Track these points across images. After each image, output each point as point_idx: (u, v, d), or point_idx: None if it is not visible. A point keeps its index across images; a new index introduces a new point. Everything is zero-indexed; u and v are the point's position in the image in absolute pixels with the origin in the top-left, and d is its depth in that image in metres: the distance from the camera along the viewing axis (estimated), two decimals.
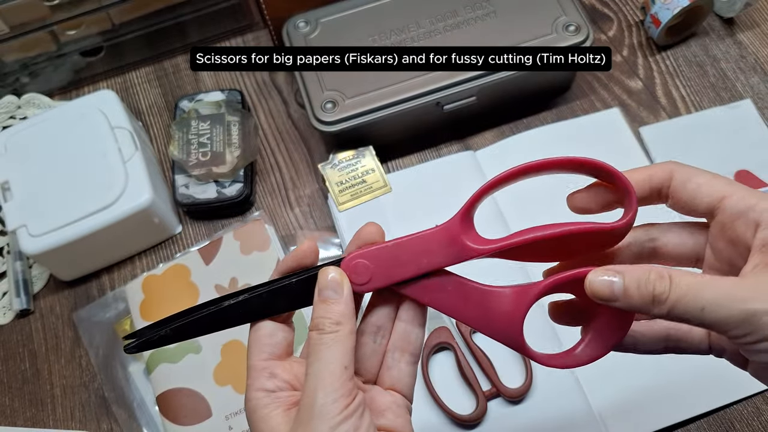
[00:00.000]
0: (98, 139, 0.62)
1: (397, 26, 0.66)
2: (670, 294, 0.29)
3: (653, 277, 0.30)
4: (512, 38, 0.64)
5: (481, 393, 0.55)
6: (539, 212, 0.63)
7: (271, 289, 0.36)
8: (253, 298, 0.36)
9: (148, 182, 0.60)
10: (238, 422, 0.55)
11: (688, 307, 0.29)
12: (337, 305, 0.34)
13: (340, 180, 0.65)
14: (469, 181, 0.64)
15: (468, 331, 0.57)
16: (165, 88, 0.75)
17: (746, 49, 0.71)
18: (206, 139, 0.66)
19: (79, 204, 0.59)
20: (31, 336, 0.63)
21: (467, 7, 0.66)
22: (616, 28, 0.74)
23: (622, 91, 0.70)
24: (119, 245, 0.64)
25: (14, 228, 0.59)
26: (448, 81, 0.62)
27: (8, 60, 0.71)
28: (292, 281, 0.36)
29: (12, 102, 0.74)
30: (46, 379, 0.61)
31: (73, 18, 0.69)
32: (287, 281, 0.36)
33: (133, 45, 0.74)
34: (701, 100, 0.68)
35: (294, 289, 0.36)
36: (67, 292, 0.65)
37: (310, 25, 0.67)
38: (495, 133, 0.69)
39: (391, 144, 0.67)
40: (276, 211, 0.67)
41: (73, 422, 0.59)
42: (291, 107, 0.73)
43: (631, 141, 0.66)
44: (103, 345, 0.61)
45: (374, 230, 0.36)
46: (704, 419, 0.54)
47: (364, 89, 0.63)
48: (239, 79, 0.75)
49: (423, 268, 0.35)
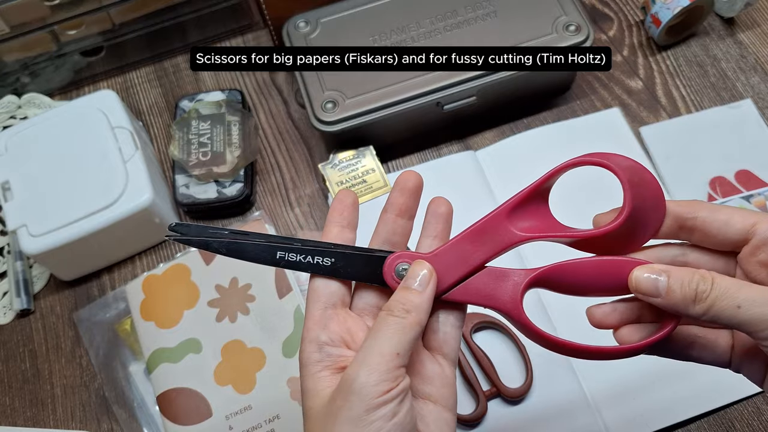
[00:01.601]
0: (99, 139, 0.62)
1: (397, 26, 0.66)
2: (711, 293, 0.31)
3: (697, 277, 0.32)
4: (512, 38, 0.64)
5: (482, 393, 0.55)
6: None
7: (342, 254, 0.37)
8: (317, 257, 0.37)
9: (149, 182, 0.60)
10: (239, 422, 0.55)
11: (725, 304, 0.31)
12: (414, 296, 0.34)
13: (341, 180, 0.65)
14: (469, 181, 0.64)
15: (468, 330, 0.57)
16: (165, 88, 0.75)
17: (747, 49, 0.71)
18: (206, 139, 0.66)
19: (80, 204, 0.59)
20: (32, 336, 0.63)
21: (467, 7, 0.66)
22: (617, 28, 0.74)
23: (623, 91, 0.70)
24: (119, 245, 0.64)
25: (14, 228, 0.59)
26: (448, 81, 0.62)
27: (9, 60, 0.71)
28: (362, 254, 0.37)
29: (12, 102, 0.74)
30: (47, 378, 0.61)
31: (73, 18, 0.69)
32: (358, 253, 0.37)
33: (134, 45, 0.74)
34: (701, 100, 0.68)
35: (359, 262, 0.37)
36: (67, 292, 0.65)
37: (311, 25, 0.67)
38: (495, 133, 0.69)
39: (392, 144, 0.67)
40: (276, 211, 0.67)
41: (74, 422, 0.59)
42: (291, 107, 0.73)
43: (632, 141, 0.66)
44: (104, 345, 0.61)
45: (412, 178, 0.40)
46: (704, 419, 0.54)
47: (365, 89, 0.63)
48: (239, 79, 0.75)
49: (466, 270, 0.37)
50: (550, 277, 0.36)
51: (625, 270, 0.34)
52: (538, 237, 0.37)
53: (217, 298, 0.60)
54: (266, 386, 0.56)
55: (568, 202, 0.42)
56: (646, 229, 0.36)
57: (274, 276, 0.60)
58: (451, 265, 0.37)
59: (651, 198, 0.35)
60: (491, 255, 0.37)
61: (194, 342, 0.58)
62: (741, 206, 0.61)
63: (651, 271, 0.33)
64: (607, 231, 0.35)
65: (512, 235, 0.37)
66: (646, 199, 0.35)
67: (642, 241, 0.37)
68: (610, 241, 0.36)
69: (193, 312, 0.59)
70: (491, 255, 0.37)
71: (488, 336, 0.58)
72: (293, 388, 0.56)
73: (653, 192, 0.35)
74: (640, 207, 0.35)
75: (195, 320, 0.59)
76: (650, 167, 0.64)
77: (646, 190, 0.35)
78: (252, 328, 0.58)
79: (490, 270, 0.37)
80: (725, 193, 0.62)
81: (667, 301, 0.32)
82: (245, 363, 0.57)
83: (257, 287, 0.60)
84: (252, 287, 0.60)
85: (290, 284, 0.59)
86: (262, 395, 0.56)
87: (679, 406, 0.54)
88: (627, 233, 0.36)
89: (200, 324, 0.59)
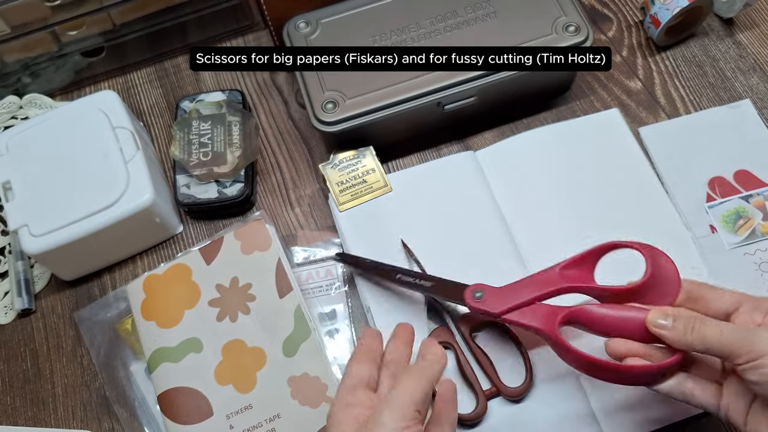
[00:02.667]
0: (100, 139, 0.62)
1: (397, 27, 0.66)
2: (702, 327, 0.43)
3: (694, 316, 0.44)
4: (512, 39, 0.64)
5: (482, 392, 0.55)
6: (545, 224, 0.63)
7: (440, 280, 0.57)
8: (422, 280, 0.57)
9: (150, 182, 0.61)
10: (239, 421, 0.55)
11: (711, 332, 0.42)
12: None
13: (341, 180, 0.65)
14: (469, 181, 0.64)
15: (468, 330, 0.57)
16: (166, 89, 0.75)
17: (745, 50, 0.71)
18: (207, 139, 0.66)
19: (81, 204, 0.59)
20: (33, 335, 0.64)
21: (467, 8, 0.66)
22: (616, 29, 0.74)
23: (622, 92, 0.70)
24: (120, 245, 0.64)
25: (16, 228, 0.59)
26: (448, 81, 0.63)
27: (10, 60, 0.71)
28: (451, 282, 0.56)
29: (13, 102, 0.74)
30: (48, 378, 0.61)
31: (74, 18, 0.69)
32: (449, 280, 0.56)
33: (135, 45, 0.74)
34: (700, 101, 0.69)
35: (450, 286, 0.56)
36: (68, 292, 0.65)
37: (311, 26, 0.67)
38: (495, 133, 0.69)
39: (392, 144, 0.68)
40: (277, 211, 0.67)
41: (75, 422, 0.60)
42: (292, 107, 0.73)
43: (631, 141, 0.66)
44: (105, 344, 0.61)
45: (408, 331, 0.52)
46: (703, 420, 0.54)
47: (365, 89, 0.63)
48: (240, 79, 0.75)
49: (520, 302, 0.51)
50: (581, 316, 0.48)
51: (642, 315, 0.46)
52: (578, 289, 0.51)
53: (218, 298, 0.60)
54: (267, 385, 0.56)
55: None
56: (665, 297, 0.48)
57: (274, 275, 0.60)
58: (509, 297, 0.52)
59: (669, 272, 0.48)
60: (541, 296, 0.51)
61: (195, 341, 0.58)
62: (740, 206, 0.61)
63: (663, 311, 0.45)
64: (633, 287, 0.48)
65: (560, 285, 0.51)
66: (665, 270, 0.48)
67: (671, 296, 0.48)
68: (645, 294, 0.48)
69: (194, 311, 0.59)
70: (541, 296, 0.51)
71: (488, 335, 0.58)
72: (294, 387, 0.56)
73: (671, 269, 0.49)
74: (659, 275, 0.48)
75: (196, 320, 0.59)
76: (649, 167, 0.64)
77: (666, 269, 0.48)
78: (252, 327, 0.58)
79: (539, 305, 0.51)
80: (724, 193, 0.62)
81: (671, 333, 0.44)
82: (246, 362, 0.57)
83: (258, 287, 0.60)
84: (252, 287, 0.60)
85: (290, 284, 0.60)
86: (263, 394, 0.56)
87: (679, 407, 0.54)
88: (648, 297, 0.48)
89: (201, 323, 0.59)
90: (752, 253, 0.59)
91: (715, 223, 0.61)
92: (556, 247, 0.61)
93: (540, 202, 0.64)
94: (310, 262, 0.63)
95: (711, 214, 0.61)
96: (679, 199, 0.63)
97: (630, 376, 0.47)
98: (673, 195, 0.63)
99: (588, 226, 0.62)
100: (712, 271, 0.59)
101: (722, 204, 0.62)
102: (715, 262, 0.59)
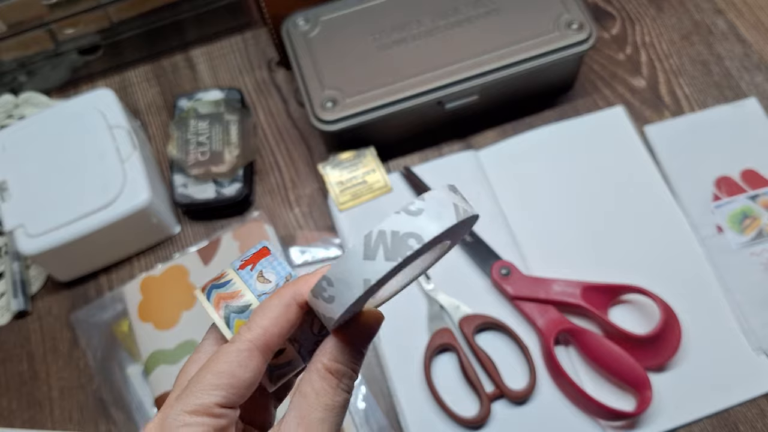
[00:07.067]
0: (96, 138, 0.62)
1: (397, 24, 0.65)
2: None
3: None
4: (514, 36, 0.63)
5: (485, 394, 0.54)
6: (542, 208, 0.62)
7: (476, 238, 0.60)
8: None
9: (147, 182, 0.60)
10: None
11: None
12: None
13: (341, 180, 0.64)
14: (470, 180, 0.64)
15: (470, 332, 0.56)
16: (163, 87, 0.74)
17: (750, 48, 0.70)
18: (205, 138, 0.65)
19: (77, 204, 0.59)
20: (29, 337, 0.63)
21: (469, 5, 0.65)
22: (619, 26, 0.73)
23: (626, 90, 0.69)
24: (117, 246, 0.63)
25: (12, 228, 0.59)
26: (449, 79, 0.62)
27: (6, 58, 0.71)
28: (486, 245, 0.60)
29: (9, 101, 0.73)
30: (44, 380, 0.61)
31: (70, 16, 0.68)
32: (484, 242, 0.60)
33: (132, 43, 0.74)
34: (705, 99, 0.68)
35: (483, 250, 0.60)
36: (64, 293, 0.64)
37: (310, 23, 0.66)
38: (497, 132, 0.68)
39: (392, 143, 0.67)
40: (276, 211, 0.66)
41: (71, 424, 0.59)
42: (291, 106, 0.72)
43: (635, 140, 0.65)
44: (101, 346, 0.61)
45: None
46: (708, 421, 0.54)
47: (365, 88, 0.62)
48: (238, 77, 0.74)
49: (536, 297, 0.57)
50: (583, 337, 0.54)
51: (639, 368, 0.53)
52: (591, 314, 0.56)
53: None
54: None
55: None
56: (662, 354, 0.54)
57: None
58: (532, 287, 0.57)
59: (673, 335, 0.54)
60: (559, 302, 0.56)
61: (192, 343, 0.57)
62: (746, 206, 0.60)
63: None
64: (637, 336, 0.54)
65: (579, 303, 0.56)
66: (672, 333, 0.54)
67: (663, 358, 0.54)
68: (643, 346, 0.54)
69: (191, 313, 0.59)
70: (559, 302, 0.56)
71: (491, 337, 0.57)
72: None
73: (676, 336, 0.54)
74: (664, 335, 0.54)
75: (193, 321, 0.58)
76: (654, 167, 0.63)
77: (672, 332, 0.54)
78: None
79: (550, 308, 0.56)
80: (730, 192, 0.61)
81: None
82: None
83: None
84: None
85: None
86: None
87: (683, 408, 0.54)
88: (645, 347, 0.54)
89: (198, 325, 0.58)
90: (759, 253, 0.59)
91: (722, 223, 0.60)
92: (559, 248, 0.60)
93: (543, 202, 0.63)
94: (309, 263, 0.63)
95: (717, 214, 0.60)
96: (685, 199, 0.62)
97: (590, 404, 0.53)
98: (679, 195, 0.62)
99: (592, 227, 0.61)
100: (719, 271, 0.58)
101: (729, 204, 0.61)
102: (722, 262, 0.58)
